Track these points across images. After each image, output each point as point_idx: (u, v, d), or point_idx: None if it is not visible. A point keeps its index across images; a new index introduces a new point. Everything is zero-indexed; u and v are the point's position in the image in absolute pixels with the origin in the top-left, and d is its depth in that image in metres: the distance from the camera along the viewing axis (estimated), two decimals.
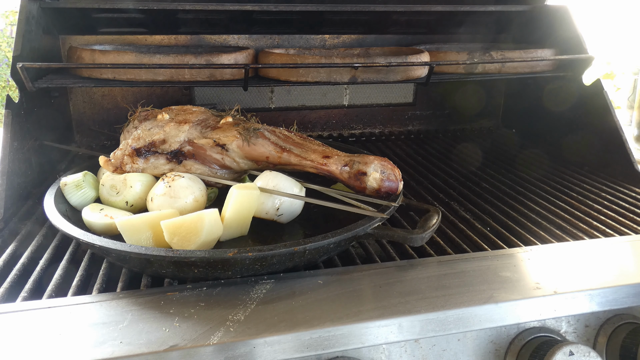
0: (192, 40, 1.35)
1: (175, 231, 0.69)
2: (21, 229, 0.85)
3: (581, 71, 1.22)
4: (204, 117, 0.90)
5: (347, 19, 1.35)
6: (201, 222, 0.69)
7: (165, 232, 0.69)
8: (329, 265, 0.73)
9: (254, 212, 0.78)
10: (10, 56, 2.12)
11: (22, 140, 0.98)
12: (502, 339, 0.65)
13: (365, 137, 1.49)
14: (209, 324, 0.56)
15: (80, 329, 0.56)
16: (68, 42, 1.25)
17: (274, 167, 0.86)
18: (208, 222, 0.69)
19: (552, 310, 0.64)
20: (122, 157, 0.86)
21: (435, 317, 0.60)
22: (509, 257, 0.73)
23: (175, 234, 0.69)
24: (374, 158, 0.80)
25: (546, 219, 0.92)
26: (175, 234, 0.69)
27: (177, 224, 0.69)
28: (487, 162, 1.26)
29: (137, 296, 0.62)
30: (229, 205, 0.75)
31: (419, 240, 0.70)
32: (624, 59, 2.49)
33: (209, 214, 0.70)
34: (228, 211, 0.75)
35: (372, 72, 1.09)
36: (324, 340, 0.56)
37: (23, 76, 0.92)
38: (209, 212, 0.71)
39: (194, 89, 1.36)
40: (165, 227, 0.69)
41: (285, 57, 1.10)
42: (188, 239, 0.68)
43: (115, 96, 1.34)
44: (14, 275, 0.70)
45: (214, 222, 0.71)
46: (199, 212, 0.70)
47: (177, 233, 0.69)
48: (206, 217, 0.69)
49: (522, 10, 1.36)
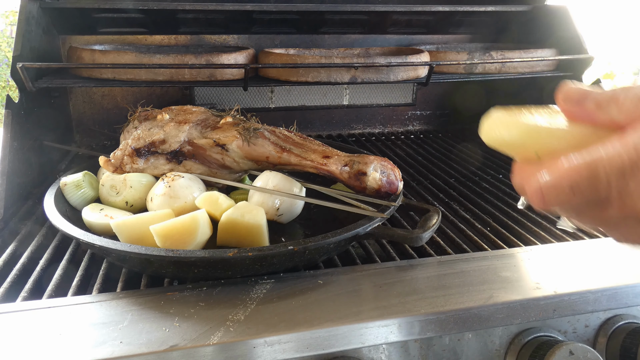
0: (192, 40, 1.35)
1: (167, 234, 0.68)
2: (21, 229, 0.85)
3: (581, 71, 1.22)
4: (204, 117, 0.90)
5: (347, 19, 1.35)
6: (195, 224, 0.69)
7: (156, 237, 0.68)
8: (329, 265, 0.73)
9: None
10: (10, 56, 2.12)
11: (22, 140, 0.98)
12: (502, 339, 0.65)
13: (365, 137, 1.49)
14: (209, 324, 0.56)
15: (80, 329, 0.56)
16: (68, 42, 1.25)
17: (274, 167, 0.86)
18: (202, 223, 0.69)
19: (552, 310, 0.64)
20: (122, 157, 0.86)
21: (435, 317, 0.60)
22: (509, 257, 0.73)
23: (168, 237, 0.68)
24: (374, 158, 0.80)
25: (546, 218, 0.92)
26: (168, 237, 0.68)
27: (168, 228, 0.68)
28: (487, 162, 1.26)
29: (137, 296, 0.62)
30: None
31: (419, 240, 0.70)
32: (624, 59, 2.49)
33: (202, 214, 0.70)
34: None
35: (372, 72, 1.09)
36: (324, 340, 0.56)
37: (23, 76, 0.92)
38: (202, 213, 0.71)
39: (194, 89, 1.36)
40: (155, 232, 0.68)
41: (285, 57, 1.10)
42: (183, 242, 0.68)
43: (115, 96, 1.34)
44: (14, 275, 0.70)
45: (207, 222, 0.71)
46: (191, 213, 0.70)
47: (169, 237, 0.68)
48: (200, 218, 0.69)
49: (522, 10, 1.36)
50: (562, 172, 0.31)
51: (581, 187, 0.30)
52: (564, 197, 0.32)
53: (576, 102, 0.34)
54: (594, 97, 0.33)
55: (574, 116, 0.34)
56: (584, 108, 0.33)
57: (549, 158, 0.33)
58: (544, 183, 0.32)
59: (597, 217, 0.33)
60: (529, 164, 0.35)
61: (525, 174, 0.35)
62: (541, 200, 0.33)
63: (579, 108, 0.34)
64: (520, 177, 0.36)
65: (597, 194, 0.30)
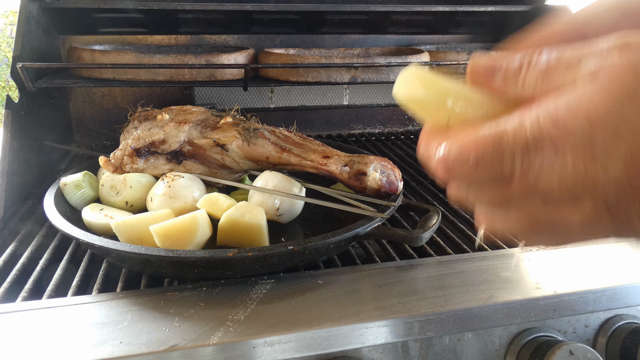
0: (192, 40, 1.35)
1: (167, 234, 0.68)
2: (21, 229, 0.85)
3: None
4: (204, 117, 0.90)
5: (347, 19, 1.35)
6: (195, 224, 0.69)
7: (156, 237, 0.68)
8: (329, 265, 0.73)
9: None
10: (10, 56, 2.12)
11: (22, 140, 0.98)
12: (502, 339, 0.65)
13: (365, 137, 1.49)
14: (209, 324, 0.56)
15: (80, 329, 0.56)
16: (68, 42, 1.25)
17: (274, 167, 0.86)
18: (202, 223, 0.69)
19: (552, 310, 0.64)
20: (122, 157, 0.86)
21: (435, 317, 0.60)
22: (509, 257, 0.73)
23: (167, 237, 0.68)
24: (373, 158, 0.80)
25: None
26: (167, 237, 0.68)
27: (168, 228, 0.68)
28: None
29: (137, 296, 0.62)
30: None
31: (419, 240, 0.70)
32: None
33: (202, 215, 0.70)
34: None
35: (372, 72, 1.09)
36: (324, 340, 0.56)
37: (23, 76, 0.92)
38: (202, 212, 0.71)
39: (194, 89, 1.36)
40: (154, 232, 0.68)
41: (285, 57, 1.10)
42: (183, 242, 0.68)
43: (115, 96, 1.34)
44: (13, 275, 0.70)
45: (207, 222, 0.71)
46: (191, 213, 0.70)
47: (169, 237, 0.68)
48: (200, 218, 0.69)
49: (522, 10, 1.36)
50: (469, 144, 0.30)
51: (486, 161, 0.29)
52: (468, 171, 0.30)
53: (484, 77, 0.32)
54: (501, 71, 0.31)
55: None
56: (491, 84, 0.32)
57: (459, 127, 0.32)
58: (449, 153, 0.31)
59: (500, 197, 0.31)
60: (437, 132, 0.33)
61: (432, 143, 0.33)
62: (445, 171, 0.31)
63: (487, 84, 0.32)
64: (426, 144, 0.33)
65: (501, 169, 0.29)
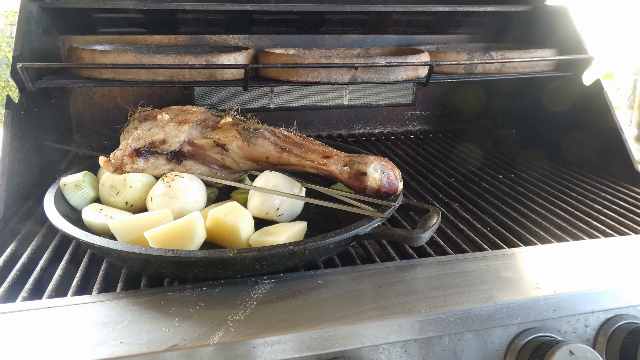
0: (192, 40, 1.35)
1: (164, 240, 0.67)
2: (21, 229, 0.85)
3: (581, 71, 1.22)
4: (204, 117, 0.90)
5: (347, 19, 1.35)
6: (193, 227, 0.68)
7: (152, 244, 0.67)
8: (329, 265, 0.73)
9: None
10: (10, 56, 2.12)
11: (22, 141, 0.98)
12: (502, 339, 0.65)
13: (365, 137, 1.49)
14: (209, 324, 0.56)
15: (80, 329, 0.56)
16: (68, 42, 1.25)
17: (274, 167, 0.86)
18: (199, 225, 0.69)
19: (552, 310, 0.64)
20: (122, 157, 0.86)
21: (435, 317, 0.60)
22: (509, 257, 0.73)
23: (164, 243, 0.67)
24: (373, 158, 0.80)
25: (546, 219, 0.92)
26: (164, 243, 0.67)
27: (164, 233, 0.68)
28: (487, 162, 1.26)
29: (137, 296, 0.62)
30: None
31: (419, 240, 0.70)
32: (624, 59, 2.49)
33: (198, 217, 0.70)
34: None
35: (372, 72, 1.09)
36: (324, 340, 0.56)
37: (23, 76, 0.92)
38: (198, 215, 0.71)
39: (194, 89, 1.36)
40: (150, 238, 0.67)
41: (285, 57, 1.10)
42: (181, 246, 0.68)
43: (115, 96, 1.34)
44: (13, 275, 0.70)
45: (203, 225, 0.71)
46: (187, 217, 0.70)
47: (166, 243, 0.67)
48: (197, 221, 0.69)
49: (522, 10, 1.36)
50: None
51: None
52: None
53: None
54: None
55: None
56: None
57: None
58: None
59: None
60: None
61: None
62: None
63: None
64: None
65: None
